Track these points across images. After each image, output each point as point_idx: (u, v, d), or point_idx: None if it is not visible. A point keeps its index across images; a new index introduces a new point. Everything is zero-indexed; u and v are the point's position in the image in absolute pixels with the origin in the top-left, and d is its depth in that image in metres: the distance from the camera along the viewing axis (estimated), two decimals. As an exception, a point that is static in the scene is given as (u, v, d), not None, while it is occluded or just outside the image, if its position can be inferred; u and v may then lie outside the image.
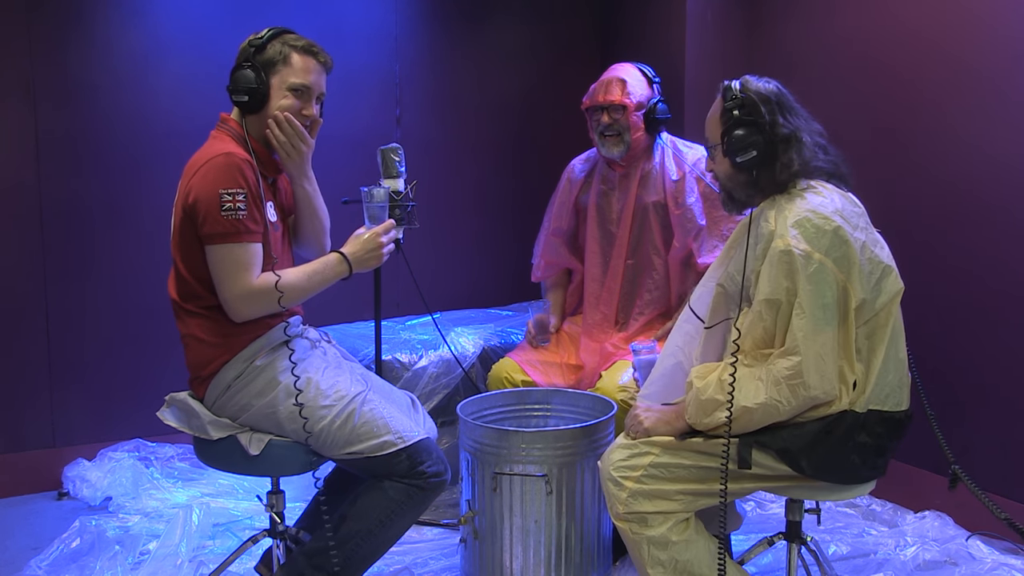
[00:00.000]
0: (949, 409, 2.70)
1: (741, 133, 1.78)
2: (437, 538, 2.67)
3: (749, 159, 1.78)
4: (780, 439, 1.73)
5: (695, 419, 1.78)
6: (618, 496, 1.81)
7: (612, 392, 2.39)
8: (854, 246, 1.70)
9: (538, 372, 2.63)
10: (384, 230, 2.09)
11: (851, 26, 3.02)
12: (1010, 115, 2.55)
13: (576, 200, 2.78)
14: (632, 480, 1.80)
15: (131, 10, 3.19)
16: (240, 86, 1.98)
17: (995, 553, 2.46)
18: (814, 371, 1.67)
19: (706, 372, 1.80)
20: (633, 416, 1.89)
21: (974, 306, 2.69)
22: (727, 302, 1.87)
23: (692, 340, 1.94)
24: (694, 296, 1.97)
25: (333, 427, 1.96)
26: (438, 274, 3.73)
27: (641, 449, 1.82)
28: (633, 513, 1.80)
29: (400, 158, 2.24)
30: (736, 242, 1.89)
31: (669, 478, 1.80)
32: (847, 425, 1.72)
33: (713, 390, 1.75)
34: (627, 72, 2.61)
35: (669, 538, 1.80)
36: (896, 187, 2.88)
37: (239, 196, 1.89)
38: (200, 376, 2.00)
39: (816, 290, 1.67)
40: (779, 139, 1.78)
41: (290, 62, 2.01)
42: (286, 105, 2.01)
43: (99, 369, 3.24)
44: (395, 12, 3.63)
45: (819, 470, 1.74)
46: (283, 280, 1.93)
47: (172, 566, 2.40)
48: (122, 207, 3.23)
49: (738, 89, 1.81)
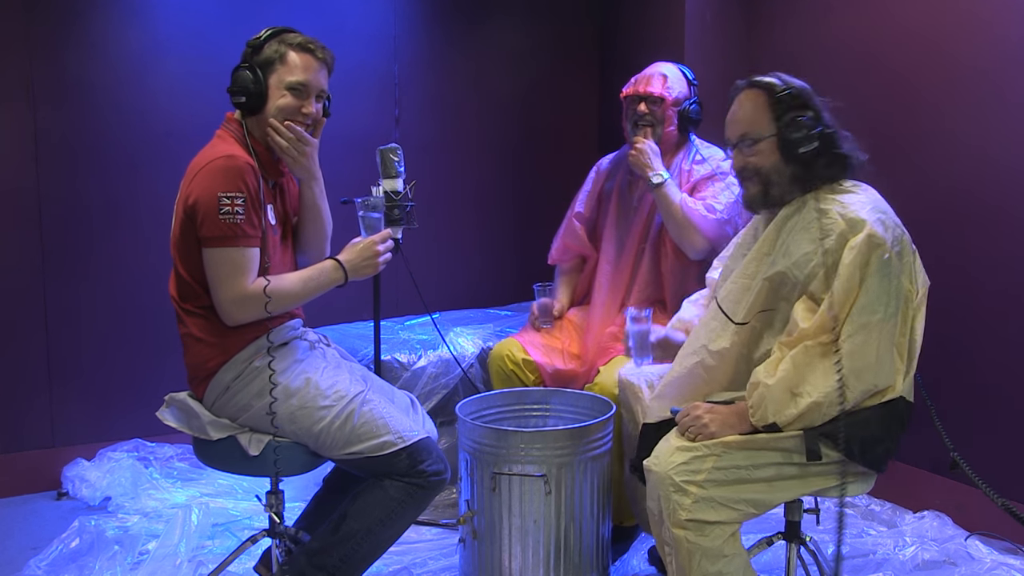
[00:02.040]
0: (949, 409, 2.69)
1: (803, 122, 1.80)
2: (436, 538, 2.67)
3: (811, 150, 1.80)
4: (840, 428, 1.72)
5: (765, 418, 1.74)
6: (681, 503, 1.73)
7: (609, 387, 2.39)
8: (910, 242, 1.78)
9: (539, 352, 2.65)
10: (381, 239, 2.08)
11: (850, 26, 3.02)
12: (1009, 116, 2.55)
13: (601, 188, 2.84)
14: (696, 485, 1.74)
15: (130, 10, 3.19)
16: (237, 87, 1.98)
17: (994, 553, 2.46)
18: (880, 360, 1.71)
19: (772, 369, 1.77)
20: (695, 418, 1.81)
21: (973, 306, 2.69)
22: (774, 297, 1.85)
23: (717, 336, 1.90)
24: (722, 294, 1.94)
25: (333, 427, 1.96)
26: (437, 274, 3.73)
27: (702, 451, 1.76)
28: (695, 521, 1.73)
29: (399, 158, 2.24)
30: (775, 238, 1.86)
31: (732, 481, 1.75)
32: (899, 411, 1.77)
33: (783, 386, 1.74)
34: (669, 69, 2.70)
35: (722, 551, 1.75)
36: (895, 187, 2.85)
37: (238, 200, 1.89)
38: (199, 376, 2.00)
39: (887, 281, 1.72)
40: (829, 132, 1.82)
41: (287, 60, 2.00)
42: (285, 104, 2.00)
43: (98, 369, 3.24)
44: (394, 12, 3.63)
45: (868, 457, 1.76)
46: (273, 285, 1.92)
47: (171, 566, 2.40)
48: (121, 207, 3.23)
49: (782, 84, 1.83)
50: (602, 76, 4.04)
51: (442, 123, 3.78)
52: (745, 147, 1.89)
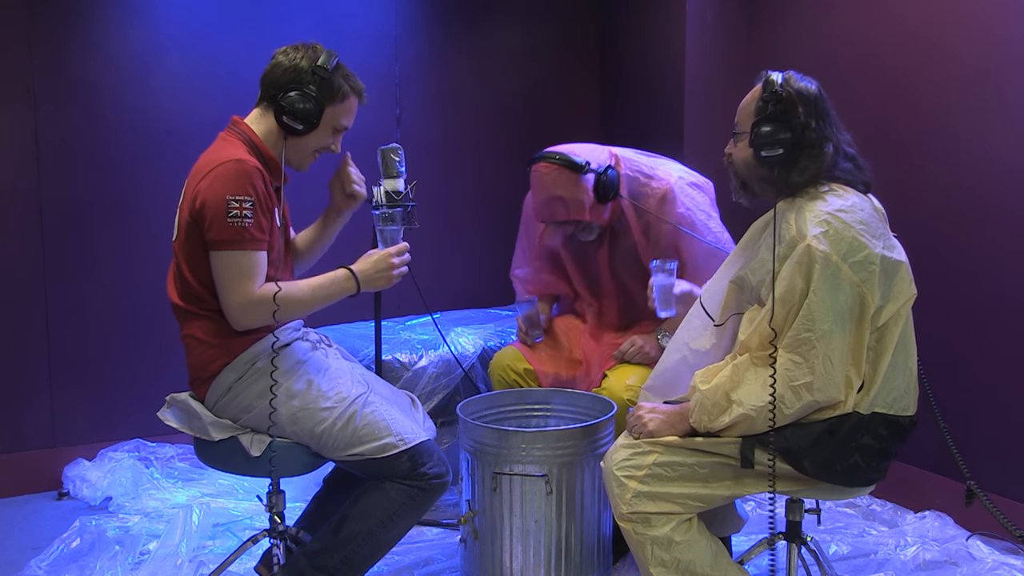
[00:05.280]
0: (949, 409, 2.69)
1: (771, 129, 1.76)
2: (437, 538, 2.67)
3: (774, 156, 1.76)
4: (783, 438, 1.73)
5: (700, 423, 1.78)
6: (622, 496, 1.81)
7: (618, 392, 2.38)
8: (873, 251, 1.69)
9: (539, 360, 2.62)
10: (398, 252, 2.08)
11: (851, 26, 3.02)
12: (1010, 115, 2.55)
13: (541, 238, 2.71)
14: (636, 480, 1.80)
15: (131, 10, 3.19)
16: (301, 117, 1.96)
17: (995, 553, 2.46)
18: (819, 375, 1.67)
19: (710, 375, 1.79)
20: (637, 417, 1.88)
21: (973, 306, 2.69)
22: (739, 300, 1.87)
23: (699, 335, 1.93)
24: (705, 293, 1.96)
25: (335, 429, 1.96)
26: (438, 274, 3.73)
27: (644, 448, 1.82)
28: (637, 513, 1.80)
29: (400, 158, 2.24)
30: (752, 241, 1.89)
31: (673, 478, 1.80)
32: (851, 426, 1.71)
33: (717, 394, 1.75)
34: (558, 185, 2.37)
35: (672, 538, 1.80)
36: (896, 187, 2.88)
37: (246, 204, 1.88)
38: (201, 377, 2.00)
39: (830, 294, 1.66)
40: (806, 143, 1.76)
41: (346, 102, 2.03)
42: (326, 140, 2.05)
43: (99, 369, 3.24)
44: (395, 12, 3.63)
45: (821, 470, 1.74)
46: (284, 292, 1.91)
47: (172, 566, 2.40)
48: (122, 207, 3.23)
49: (779, 84, 1.79)
50: (603, 76, 4.04)
51: (443, 123, 3.78)
52: (734, 137, 1.89)
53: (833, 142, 1.80)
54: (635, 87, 3.79)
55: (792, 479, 1.78)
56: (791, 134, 1.75)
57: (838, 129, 1.83)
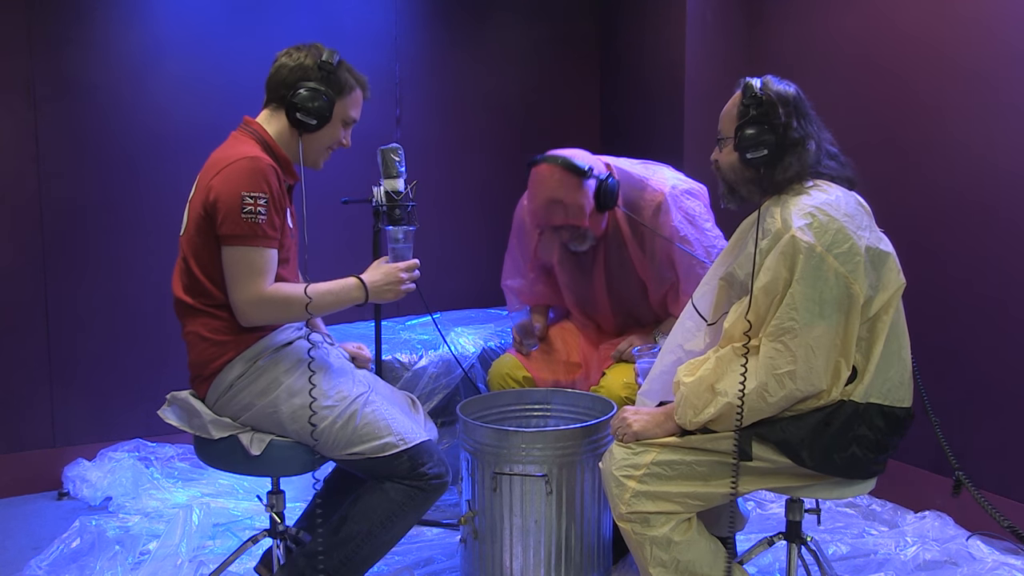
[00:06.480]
0: (949, 409, 2.70)
1: (754, 131, 1.79)
2: (437, 538, 2.67)
3: (758, 157, 1.79)
4: (779, 430, 1.73)
5: (685, 417, 1.79)
6: (620, 496, 1.81)
7: (615, 391, 2.38)
8: (858, 243, 1.71)
9: (537, 367, 2.62)
10: (407, 267, 2.10)
11: (850, 27, 3.02)
12: (1008, 118, 2.55)
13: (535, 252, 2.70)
14: (635, 480, 1.80)
15: (131, 10, 3.19)
16: (315, 113, 1.99)
17: (995, 553, 2.46)
18: (802, 363, 1.68)
19: (694, 368, 1.80)
20: (621, 419, 1.89)
21: (971, 307, 2.69)
22: (729, 297, 1.88)
23: (693, 336, 1.94)
24: (697, 294, 1.97)
25: (335, 428, 1.96)
26: (438, 274, 3.72)
27: (642, 447, 1.83)
28: (635, 513, 1.80)
29: (400, 158, 2.24)
30: (740, 239, 1.90)
31: (671, 476, 1.80)
32: (846, 416, 1.72)
33: (702, 387, 1.76)
34: (559, 188, 2.33)
35: (671, 538, 1.80)
36: (893, 189, 2.88)
37: (260, 200, 1.89)
38: (202, 375, 2.00)
39: (814, 284, 1.68)
40: (789, 142, 1.79)
41: (353, 95, 2.06)
42: (338, 135, 2.06)
43: (99, 369, 3.24)
44: (395, 12, 3.63)
45: (820, 462, 1.74)
46: (293, 293, 1.93)
47: (172, 566, 2.40)
48: (122, 206, 3.23)
49: (759, 88, 1.82)
50: (603, 75, 4.04)
51: (443, 123, 3.78)
52: (719, 144, 1.92)
53: (815, 140, 1.83)
54: (634, 87, 3.79)
55: (793, 475, 1.78)
56: (774, 135, 1.79)
57: (819, 128, 1.86)
